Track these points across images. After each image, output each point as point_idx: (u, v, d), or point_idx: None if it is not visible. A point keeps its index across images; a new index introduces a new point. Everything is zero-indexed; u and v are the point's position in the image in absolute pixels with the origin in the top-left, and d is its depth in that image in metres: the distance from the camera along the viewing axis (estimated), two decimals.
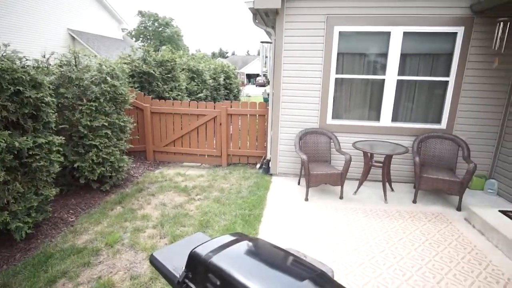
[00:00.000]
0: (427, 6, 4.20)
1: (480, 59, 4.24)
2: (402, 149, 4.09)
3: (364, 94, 4.72)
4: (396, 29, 4.32)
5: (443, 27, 4.23)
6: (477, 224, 3.47)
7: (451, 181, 3.82)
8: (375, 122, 4.68)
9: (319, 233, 3.35)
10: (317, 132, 4.59)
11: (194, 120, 5.56)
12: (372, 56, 4.57)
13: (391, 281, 2.62)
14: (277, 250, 1.35)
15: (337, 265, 2.82)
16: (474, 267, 2.81)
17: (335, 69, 4.57)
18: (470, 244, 3.18)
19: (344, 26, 4.42)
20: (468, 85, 4.36)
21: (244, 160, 5.69)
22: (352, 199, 4.22)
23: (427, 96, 4.60)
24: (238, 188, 4.54)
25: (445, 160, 4.30)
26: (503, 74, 4.26)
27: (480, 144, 4.51)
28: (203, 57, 14.30)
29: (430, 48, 4.43)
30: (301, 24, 4.50)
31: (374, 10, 4.31)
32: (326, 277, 1.20)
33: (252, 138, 5.56)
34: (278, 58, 4.64)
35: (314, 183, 4.06)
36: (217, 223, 3.52)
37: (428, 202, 4.14)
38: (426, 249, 3.09)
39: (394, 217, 3.71)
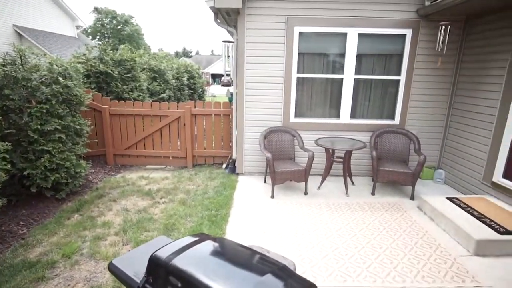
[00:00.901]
0: (379, 10, 4.46)
1: (426, 59, 4.60)
2: (360, 144, 4.31)
3: (324, 92, 4.90)
4: (352, 31, 4.54)
5: (394, 29, 4.53)
6: (427, 211, 3.76)
7: (405, 173, 4.11)
8: (335, 119, 4.89)
9: (285, 229, 3.43)
10: (281, 131, 4.69)
11: (156, 121, 5.40)
12: (331, 56, 4.76)
13: (353, 270, 2.75)
14: (239, 248, 1.37)
15: (303, 258, 2.91)
16: (426, 251, 3.05)
17: (296, 68, 4.69)
18: (422, 230, 3.44)
19: (304, 27, 4.56)
20: (417, 83, 4.71)
21: (210, 160, 5.65)
22: (316, 194, 4.37)
23: (381, 94, 4.89)
24: (204, 189, 4.50)
25: (399, 153, 4.61)
26: (446, 73, 4.67)
27: (429, 137, 4.91)
28: (165, 56, 13.92)
29: (383, 49, 4.72)
30: (263, 24, 4.56)
31: (331, 12, 4.49)
32: (287, 270, 1.24)
33: (218, 138, 5.53)
34: (241, 57, 4.66)
35: (279, 180, 4.14)
36: (183, 226, 3.45)
37: (385, 193, 4.42)
38: (384, 237, 3.29)
39: (355, 209, 3.91)
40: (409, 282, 2.60)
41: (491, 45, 4.01)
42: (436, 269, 2.77)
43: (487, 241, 2.95)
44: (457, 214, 3.42)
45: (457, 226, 3.22)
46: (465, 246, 3.09)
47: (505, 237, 2.97)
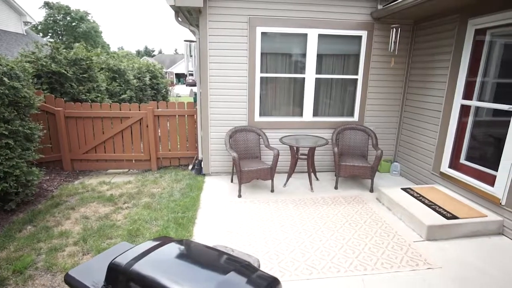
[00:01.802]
0: (337, 12, 4.66)
1: (381, 59, 4.90)
2: (323, 141, 4.48)
3: (288, 91, 5.02)
4: (312, 31, 4.69)
5: (351, 30, 4.75)
6: (385, 202, 4.01)
7: (364, 167, 4.35)
8: (299, 118, 5.02)
9: (253, 227, 3.47)
10: (246, 130, 4.73)
11: (117, 123, 5.17)
12: (293, 56, 4.89)
13: (318, 262, 2.86)
14: (203, 248, 1.37)
15: (270, 255, 2.97)
16: (384, 239, 3.25)
17: (260, 68, 4.75)
18: (381, 220, 3.67)
19: (266, 27, 4.62)
20: (373, 82, 5.00)
21: (175, 162, 5.53)
22: (282, 191, 4.47)
23: (341, 92, 5.12)
24: (170, 192, 4.40)
25: (358, 148, 4.86)
26: (398, 72, 5.00)
27: (385, 133, 5.23)
28: (126, 55, 13.32)
29: (342, 49, 4.93)
30: (225, 23, 4.56)
31: (292, 13, 4.60)
32: (251, 267, 1.27)
33: (183, 139, 5.43)
34: (204, 57, 4.62)
35: (246, 179, 4.17)
36: (148, 230, 3.35)
37: (347, 187, 4.63)
38: (346, 229, 3.45)
39: (320, 204, 4.06)
40: (369, 270, 2.76)
41: (435, 47, 4.36)
42: (393, 255, 2.97)
43: (437, 226, 3.22)
44: (410, 203, 3.69)
45: (411, 214, 3.47)
46: (418, 232, 3.34)
47: (452, 222, 3.26)
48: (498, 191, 3.37)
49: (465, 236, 3.27)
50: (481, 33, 3.70)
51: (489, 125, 3.82)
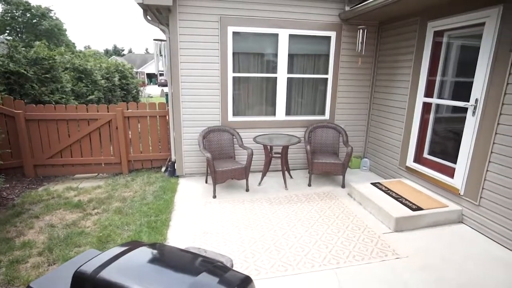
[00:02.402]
0: (306, 12, 4.76)
1: (349, 59, 5.07)
2: (296, 140, 4.56)
3: (260, 91, 5.05)
4: (283, 32, 4.76)
5: (320, 31, 4.87)
6: (356, 197, 4.16)
7: (336, 164, 4.48)
8: (271, 117, 5.08)
9: (229, 227, 3.46)
10: (220, 130, 4.70)
11: (84, 125, 4.94)
12: (265, 56, 4.93)
13: (293, 259, 2.91)
14: (175, 251, 1.35)
15: (246, 254, 2.98)
16: (355, 232, 3.38)
17: (232, 68, 4.74)
18: (352, 214, 3.80)
19: (237, 27, 4.62)
20: (343, 81, 5.16)
21: (147, 164, 5.39)
22: (257, 190, 4.50)
23: (313, 91, 5.24)
24: (142, 195, 4.28)
25: (330, 146, 5.00)
26: (366, 72, 5.21)
27: (355, 130, 5.42)
28: (93, 54, 12.74)
29: (312, 49, 5.05)
30: (196, 23, 4.50)
31: (263, 13, 4.64)
32: (223, 267, 1.27)
33: (155, 141, 5.30)
34: (175, 57, 4.54)
35: (221, 179, 4.16)
36: (119, 236, 3.25)
37: (320, 184, 4.75)
38: (320, 225, 3.54)
39: (294, 201, 4.13)
40: (342, 263, 2.85)
41: (399, 47, 4.59)
42: (364, 247, 3.09)
43: (403, 218, 3.39)
44: (379, 197, 3.86)
45: (380, 208, 3.63)
46: (387, 224, 3.50)
47: (417, 213, 3.45)
48: (457, 182, 3.61)
49: (429, 225, 3.47)
50: (439, 35, 3.94)
51: (449, 121, 4.08)
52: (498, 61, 3.08)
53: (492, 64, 3.14)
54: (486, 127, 3.23)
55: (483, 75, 3.23)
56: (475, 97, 3.34)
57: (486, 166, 3.25)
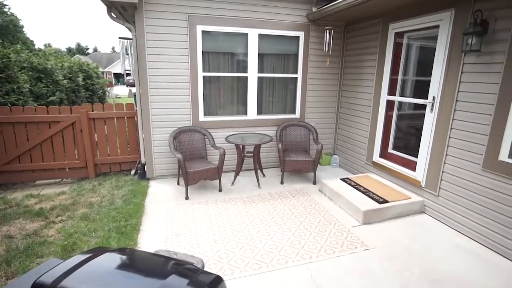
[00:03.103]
0: (275, 13, 4.81)
1: (318, 59, 5.20)
2: (267, 139, 4.61)
3: (231, 90, 5.04)
4: (253, 31, 4.78)
5: (289, 31, 4.95)
6: (327, 193, 4.29)
7: (307, 161, 4.58)
8: (243, 116, 5.09)
9: (202, 228, 3.43)
10: (191, 130, 4.64)
11: (45, 128, 4.65)
12: (235, 55, 4.92)
13: (267, 256, 2.94)
14: (143, 255, 1.32)
15: (220, 254, 2.97)
16: (327, 227, 3.48)
17: (202, 67, 4.69)
18: (323, 209, 3.91)
19: (206, 26, 4.57)
20: (312, 81, 5.29)
21: (116, 167, 5.18)
22: (230, 190, 4.49)
23: (284, 90, 5.31)
24: (110, 200, 4.12)
25: (301, 144, 5.11)
26: (334, 71, 5.37)
27: (324, 128, 5.58)
28: (54, 53, 11.99)
29: (282, 49, 5.12)
30: (164, 21, 4.39)
31: (232, 12, 4.63)
32: (193, 268, 1.26)
33: (123, 143, 5.11)
34: (142, 56, 4.40)
35: (193, 180, 4.10)
36: (86, 244, 3.10)
37: (292, 181, 4.84)
38: (292, 221, 3.61)
39: (267, 199, 4.17)
40: (314, 257, 2.92)
41: (364, 48, 4.78)
42: (335, 241, 3.20)
43: (371, 211, 3.54)
44: (348, 191, 4.00)
45: (349, 202, 3.77)
46: (356, 217, 3.64)
47: (383, 206, 3.62)
48: (418, 175, 3.83)
49: (394, 217, 3.66)
50: (400, 36, 4.16)
51: (410, 118, 4.31)
52: (452, 61, 3.31)
53: (447, 64, 3.37)
54: (442, 123, 3.46)
55: (439, 74, 3.46)
56: (433, 94, 3.56)
57: (443, 159, 3.48)
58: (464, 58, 3.18)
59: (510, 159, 2.82)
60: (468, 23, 3.07)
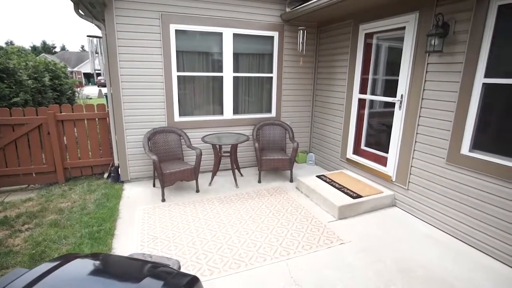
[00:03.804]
0: (250, 12, 4.83)
1: (292, 58, 5.28)
2: (244, 138, 4.62)
3: (207, 90, 5.00)
4: (227, 30, 4.77)
5: (264, 31, 4.99)
6: (303, 190, 4.37)
7: (283, 159, 4.64)
8: (219, 116, 5.07)
9: (179, 229, 3.38)
10: (166, 131, 4.55)
11: (8, 132, 4.38)
12: (210, 55, 4.89)
13: (246, 255, 2.96)
14: (116, 259, 1.29)
15: (198, 255, 2.94)
16: (304, 224, 3.55)
17: (176, 67, 4.61)
18: (300, 206, 3.98)
19: (180, 25, 4.50)
20: (287, 80, 5.36)
21: (87, 171, 4.98)
22: (208, 190, 4.46)
23: (259, 90, 5.35)
24: (82, 205, 3.96)
25: (277, 142, 5.17)
26: (308, 71, 5.48)
27: (300, 126, 5.68)
28: (17, 51, 11.28)
29: (257, 49, 5.14)
30: (135, 19, 4.28)
31: (206, 11, 4.59)
32: (168, 270, 1.24)
33: (94, 145, 4.93)
34: (113, 55, 4.26)
35: (169, 182, 4.03)
36: (56, 251, 2.96)
37: (270, 179, 4.89)
38: (270, 219, 3.65)
39: (245, 199, 4.19)
40: (292, 254, 2.97)
41: (336, 48, 4.91)
42: (312, 237, 3.27)
43: (345, 206, 3.66)
44: (324, 188, 4.11)
45: (324, 198, 3.86)
46: (331, 213, 3.75)
47: (357, 200, 3.75)
48: (389, 170, 4.00)
49: (367, 211, 3.80)
50: (370, 37, 4.32)
51: (381, 115, 4.49)
52: (417, 61, 3.49)
53: (413, 63, 3.54)
54: (410, 120, 3.64)
55: (406, 73, 3.63)
56: (401, 93, 3.73)
57: (412, 154, 3.66)
58: (428, 58, 3.36)
59: (470, 153, 3.02)
60: (431, 25, 3.25)
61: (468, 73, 2.96)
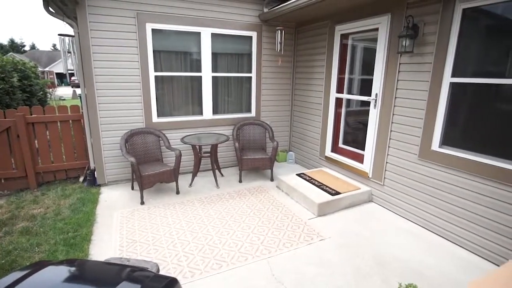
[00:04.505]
0: (228, 12, 4.82)
1: (271, 58, 5.32)
2: (224, 138, 4.61)
3: (185, 90, 4.95)
4: (205, 30, 4.74)
5: (242, 31, 5.00)
6: (284, 188, 4.42)
7: (263, 159, 4.68)
8: (199, 116, 5.03)
9: (159, 232, 3.33)
10: (144, 132, 4.46)
11: None
12: (188, 54, 4.83)
13: (227, 255, 2.96)
14: (91, 264, 1.26)
15: (179, 257, 2.91)
16: (284, 221, 3.59)
17: (153, 67, 4.53)
18: (281, 205, 4.03)
19: (156, 24, 4.43)
20: (266, 80, 5.40)
21: (61, 175, 4.79)
22: (188, 191, 4.41)
23: (239, 89, 5.35)
24: (56, 210, 3.80)
25: (257, 142, 5.20)
26: (286, 71, 5.54)
27: (280, 125, 5.74)
28: None
29: (236, 48, 5.14)
30: (110, 18, 4.16)
31: (183, 10, 4.54)
32: (146, 273, 1.23)
33: (69, 148, 4.75)
34: (87, 54, 4.12)
35: (148, 184, 3.96)
36: (28, 260, 2.83)
37: (250, 179, 4.91)
38: (251, 218, 3.67)
39: (226, 199, 4.18)
40: (273, 252, 3.00)
41: (313, 48, 5.00)
42: (292, 234, 3.32)
43: (325, 203, 3.74)
44: (304, 186, 4.17)
45: (305, 196, 3.93)
46: (311, 210, 3.81)
47: (336, 197, 3.84)
48: (366, 167, 4.13)
49: (346, 207, 3.90)
50: (345, 38, 4.43)
51: (358, 114, 4.62)
52: (390, 61, 3.62)
53: (386, 63, 3.67)
54: (384, 118, 3.77)
55: (380, 73, 3.76)
56: (375, 92, 3.86)
57: (387, 151, 3.79)
58: (400, 59, 3.49)
59: (440, 149, 3.17)
60: (402, 27, 3.38)
61: (437, 73, 3.11)
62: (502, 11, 2.68)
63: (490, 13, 2.79)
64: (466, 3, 2.83)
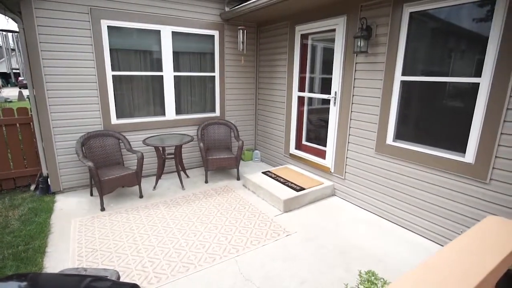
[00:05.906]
0: (189, 10, 4.72)
1: (233, 57, 5.32)
2: (188, 138, 4.53)
3: (147, 90, 4.78)
4: (165, 28, 4.61)
5: (204, 29, 4.93)
6: (250, 187, 4.46)
7: (229, 158, 4.67)
8: (161, 117, 4.88)
9: (122, 239, 3.19)
10: (102, 135, 4.24)
11: None
12: (148, 53, 4.67)
13: (195, 257, 2.92)
14: (43, 277, 1.18)
15: (144, 263, 2.82)
16: (251, 220, 3.62)
17: (111, 66, 4.32)
18: (248, 203, 4.05)
19: (113, 21, 4.22)
20: (229, 79, 5.39)
21: (9, 184, 4.40)
22: (152, 194, 4.28)
23: (202, 89, 5.28)
24: (3, 223, 3.48)
25: (223, 141, 5.18)
26: (250, 70, 5.58)
27: (245, 125, 5.76)
28: None
29: (198, 47, 5.06)
30: (60, 13, 3.88)
31: (142, 7, 4.37)
32: (105, 281, 1.18)
33: (16, 154, 4.37)
34: (34, 53, 3.81)
35: (108, 189, 3.77)
36: None
37: (217, 179, 4.88)
38: (218, 218, 3.65)
39: (192, 200, 4.12)
40: (241, 250, 3.02)
41: (275, 48, 5.09)
42: (259, 232, 3.36)
43: (290, 199, 3.83)
44: (270, 183, 4.24)
45: (270, 193, 3.99)
46: (277, 207, 3.89)
47: (300, 193, 3.95)
48: (328, 162, 4.30)
49: (311, 202, 4.04)
50: (305, 38, 4.56)
51: (319, 112, 4.78)
52: (347, 60, 3.80)
53: (343, 63, 3.85)
54: (343, 115, 3.95)
55: (338, 71, 3.93)
56: (335, 90, 4.03)
57: (346, 146, 3.98)
58: (356, 58, 3.68)
59: (394, 143, 3.40)
60: (357, 28, 3.56)
61: (389, 72, 3.32)
62: (446, 15, 2.93)
63: (434, 17, 3.04)
64: (413, 7, 3.06)
